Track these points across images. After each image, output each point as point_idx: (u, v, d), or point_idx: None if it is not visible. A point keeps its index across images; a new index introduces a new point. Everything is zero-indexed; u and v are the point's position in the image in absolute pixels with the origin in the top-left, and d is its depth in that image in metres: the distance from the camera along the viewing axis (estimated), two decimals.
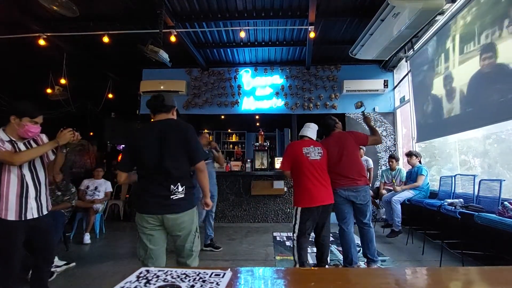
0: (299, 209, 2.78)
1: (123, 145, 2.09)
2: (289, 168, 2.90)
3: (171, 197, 1.84)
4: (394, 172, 5.00)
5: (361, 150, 5.53)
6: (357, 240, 3.25)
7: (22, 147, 1.96)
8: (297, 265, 2.81)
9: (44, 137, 2.14)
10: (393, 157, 5.03)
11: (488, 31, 3.31)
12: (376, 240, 4.47)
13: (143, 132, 1.97)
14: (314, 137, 3.09)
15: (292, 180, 3.07)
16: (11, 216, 1.87)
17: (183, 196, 1.87)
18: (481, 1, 3.44)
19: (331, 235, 4.76)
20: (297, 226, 2.78)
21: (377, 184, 5.52)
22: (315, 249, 3.11)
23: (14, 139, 1.94)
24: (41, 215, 2.01)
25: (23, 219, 1.91)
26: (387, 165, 5.44)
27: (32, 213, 1.95)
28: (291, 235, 2.85)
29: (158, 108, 1.99)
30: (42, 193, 2.04)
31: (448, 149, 4.96)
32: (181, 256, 1.97)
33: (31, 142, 2.04)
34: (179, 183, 1.86)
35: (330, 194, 2.85)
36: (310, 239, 2.97)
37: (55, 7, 3.75)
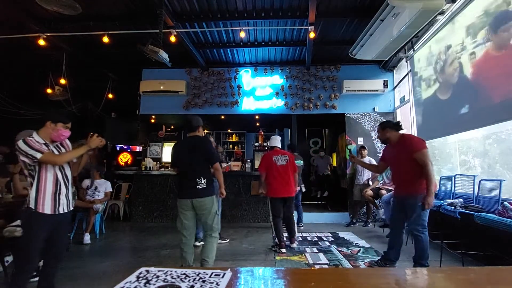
0: (269, 198, 3.97)
1: (171, 159, 3.08)
2: (264, 171, 3.97)
3: (197, 187, 2.74)
4: None
5: (365, 151, 5.55)
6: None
7: (54, 150, 2.22)
8: (276, 240, 3.91)
9: (67, 141, 2.39)
10: None
11: (489, 29, 3.32)
12: (375, 240, 4.50)
13: (181, 145, 3.02)
14: (280, 145, 4.19)
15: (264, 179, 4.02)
16: (47, 210, 2.10)
17: (205, 186, 2.76)
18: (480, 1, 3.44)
19: (330, 235, 4.79)
20: (270, 211, 3.99)
21: (379, 184, 5.52)
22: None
23: (47, 142, 2.19)
24: (68, 210, 2.25)
25: (56, 213, 2.14)
26: None
27: (63, 208, 2.19)
28: (269, 218, 4.02)
29: (189, 129, 2.97)
30: (69, 191, 2.29)
31: (448, 149, 4.95)
32: (206, 229, 2.86)
33: (59, 145, 2.30)
34: (202, 177, 2.76)
35: (290, 189, 3.94)
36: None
37: (57, 8, 3.76)
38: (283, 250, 3.85)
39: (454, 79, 4.01)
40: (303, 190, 5.46)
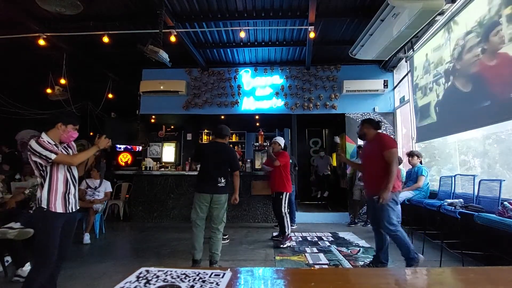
0: (288, 194, 4.34)
1: (195, 149, 3.65)
2: (283, 164, 4.33)
3: (218, 184, 3.18)
4: None
5: None
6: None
7: (63, 150, 2.26)
8: (289, 230, 4.22)
9: (72, 142, 2.43)
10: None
11: (489, 30, 3.32)
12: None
13: (208, 148, 3.43)
14: None
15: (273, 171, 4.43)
16: (59, 208, 2.16)
17: (224, 185, 3.22)
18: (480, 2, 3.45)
19: (330, 235, 4.79)
20: (286, 205, 4.31)
21: None
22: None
23: (57, 143, 2.23)
24: (75, 209, 2.32)
25: (67, 211, 2.21)
26: None
27: (71, 207, 2.26)
28: (282, 210, 4.26)
29: (218, 135, 3.38)
30: (76, 191, 2.35)
31: (448, 149, 4.96)
32: (214, 222, 3.19)
33: (65, 146, 2.34)
34: (222, 177, 3.20)
35: None
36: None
37: (59, 9, 3.75)
38: (289, 243, 4.09)
39: (454, 80, 4.02)
40: None
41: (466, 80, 3.74)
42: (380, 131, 3.24)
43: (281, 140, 4.55)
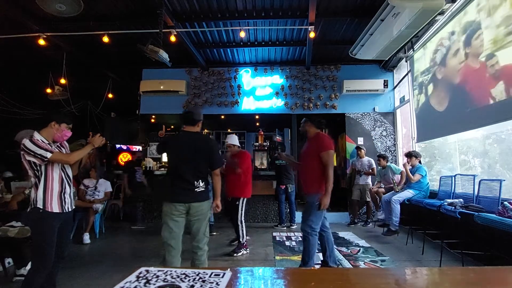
0: (245, 199, 3.85)
1: (161, 143, 2.75)
2: (244, 170, 3.87)
3: (195, 190, 2.42)
4: (384, 169, 5.23)
5: (362, 151, 5.61)
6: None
7: (56, 149, 2.23)
8: (245, 238, 3.81)
9: (65, 142, 2.41)
10: (380, 157, 5.28)
11: (489, 29, 3.32)
12: (375, 239, 4.50)
13: (175, 140, 2.64)
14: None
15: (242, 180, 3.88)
16: (55, 208, 2.13)
17: (204, 189, 2.46)
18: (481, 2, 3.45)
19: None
20: (243, 212, 3.81)
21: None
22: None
23: (50, 142, 2.21)
24: (71, 209, 2.30)
25: (63, 211, 2.19)
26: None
27: (68, 206, 2.24)
28: (239, 218, 3.77)
29: (190, 122, 2.55)
30: (71, 190, 2.33)
31: (448, 149, 4.96)
32: (196, 240, 2.47)
33: (58, 145, 2.32)
34: (200, 180, 2.44)
35: None
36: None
37: (59, 8, 3.75)
38: (244, 251, 3.83)
39: (453, 79, 4.02)
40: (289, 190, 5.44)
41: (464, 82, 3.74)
42: (321, 131, 3.17)
43: (233, 139, 3.95)
